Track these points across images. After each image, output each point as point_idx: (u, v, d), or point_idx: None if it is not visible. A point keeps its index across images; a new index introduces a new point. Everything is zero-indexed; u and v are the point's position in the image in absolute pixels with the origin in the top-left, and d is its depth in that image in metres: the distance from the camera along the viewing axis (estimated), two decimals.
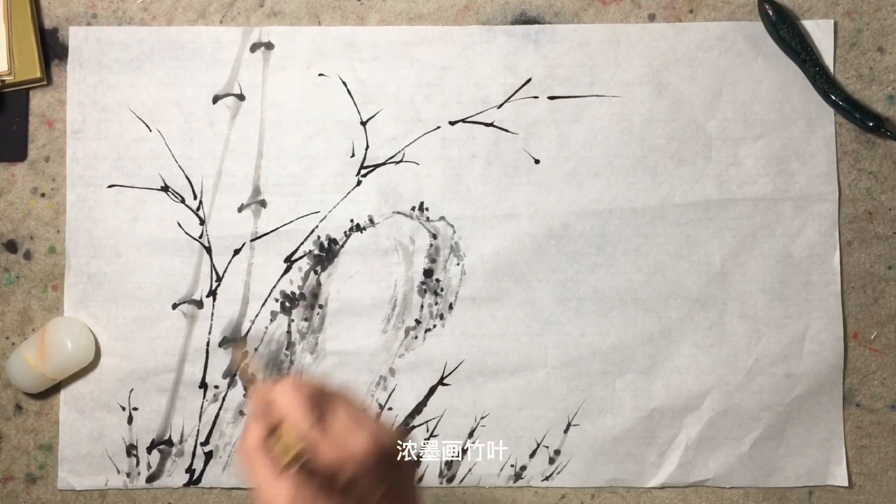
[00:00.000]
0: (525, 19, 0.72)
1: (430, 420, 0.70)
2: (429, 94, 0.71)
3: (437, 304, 0.70)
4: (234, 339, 0.70)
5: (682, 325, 0.70)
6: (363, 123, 0.71)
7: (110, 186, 0.71)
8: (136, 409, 0.70)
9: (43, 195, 0.71)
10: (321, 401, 0.46)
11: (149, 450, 0.70)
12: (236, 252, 0.70)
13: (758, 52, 0.71)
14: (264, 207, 0.71)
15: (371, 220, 0.71)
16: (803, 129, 0.71)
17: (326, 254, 0.70)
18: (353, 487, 0.44)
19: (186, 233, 0.70)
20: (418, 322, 0.70)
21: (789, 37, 0.70)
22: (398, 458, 0.46)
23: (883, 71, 0.71)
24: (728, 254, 0.70)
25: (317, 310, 0.70)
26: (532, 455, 0.70)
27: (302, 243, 0.70)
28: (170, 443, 0.70)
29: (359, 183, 0.71)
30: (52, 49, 0.71)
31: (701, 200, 0.71)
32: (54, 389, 0.70)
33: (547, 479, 0.70)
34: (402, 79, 0.71)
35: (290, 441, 0.43)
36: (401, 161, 0.71)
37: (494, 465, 0.70)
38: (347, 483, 0.43)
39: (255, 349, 0.69)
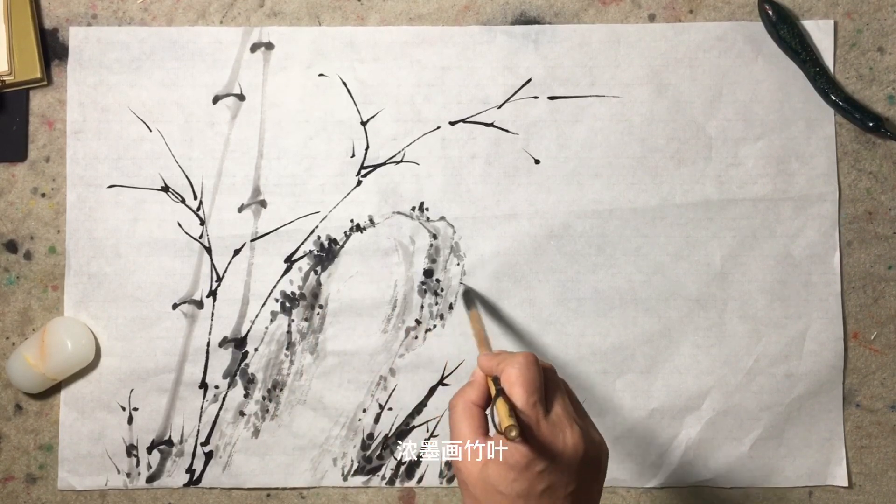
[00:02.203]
0: (525, 19, 0.72)
1: (430, 420, 0.70)
2: (429, 95, 0.71)
3: (437, 304, 0.70)
4: (234, 339, 0.70)
5: (682, 325, 0.70)
6: (363, 123, 0.71)
7: (110, 186, 0.71)
8: (136, 409, 0.70)
9: (43, 195, 0.71)
10: (547, 384, 0.47)
11: (149, 450, 0.70)
12: (236, 252, 0.70)
13: (758, 52, 0.71)
14: (264, 207, 0.71)
15: (371, 221, 0.71)
16: (803, 130, 0.71)
17: (326, 254, 0.70)
18: (548, 475, 0.44)
19: (186, 233, 0.70)
20: (418, 322, 0.70)
21: (789, 37, 0.70)
22: (596, 464, 0.47)
23: (883, 71, 0.71)
24: (728, 254, 0.70)
25: (317, 310, 0.70)
26: None
27: (302, 243, 0.70)
28: (170, 443, 0.70)
29: (359, 183, 0.71)
30: (52, 49, 0.71)
31: (701, 200, 0.71)
32: (54, 389, 0.70)
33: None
34: (402, 79, 0.71)
35: (503, 415, 0.44)
36: (401, 161, 0.71)
37: None
38: (543, 470, 0.44)
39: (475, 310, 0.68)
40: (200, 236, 0.70)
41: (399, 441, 0.70)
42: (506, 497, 0.45)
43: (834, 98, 0.70)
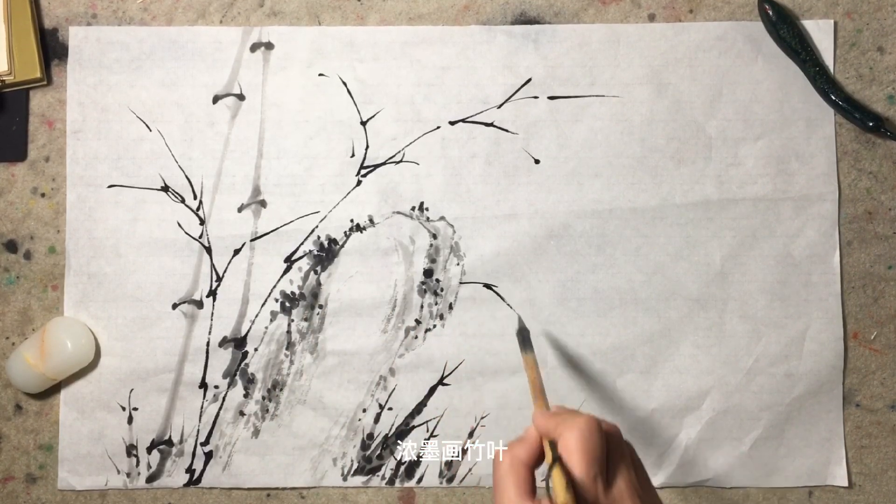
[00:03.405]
0: (525, 19, 0.72)
1: (430, 420, 0.70)
2: (429, 94, 0.71)
3: (437, 304, 0.70)
4: (234, 339, 0.70)
5: (682, 325, 0.70)
6: (363, 123, 0.71)
7: (110, 186, 0.71)
8: (136, 409, 0.70)
9: (43, 195, 0.71)
10: (609, 454, 0.43)
11: (149, 450, 0.70)
12: (236, 252, 0.70)
13: (758, 52, 0.71)
14: (264, 207, 0.71)
15: (371, 220, 0.71)
16: (803, 129, 0.71)
17: (326, 254, 0.70)
18: None
19: (186, 233, 0.70)
20: (418, 322, 0.70)
21: (789, 37, 0.70)
22: None
23: (883, 71, 0.71)
24: (728, 254, 0.70)
25: (317, 310, 0.70)
26: None
27: (302, 243, 0.70)
28: (170, 443, 0.70)
29: (359, 183, 0.71)
30: (52, 49, 0.71)
31: (701, 200, 0.71)
32: (54, 389, 0.70)
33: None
34: (402, 79, 0.71)
35: (559, 488, 0.40)
36: (401, 161, 0.71)
37: None
38: None
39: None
40: (200, 236, 0.70)
41: (399, 441, 0.70)
42: None
43: (834, 98, 0.70)
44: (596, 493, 0.41)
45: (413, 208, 0.71)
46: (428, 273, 0.70)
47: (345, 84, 0.71)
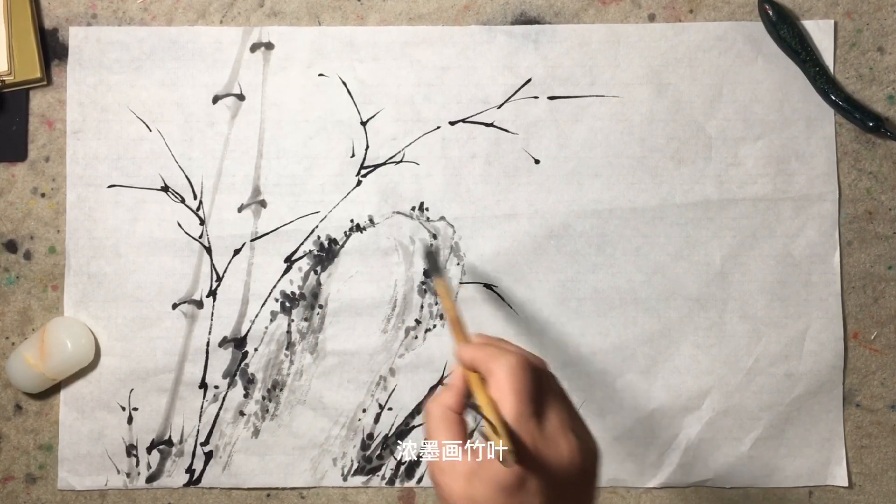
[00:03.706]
0: (525, 19, 0.72)
1: None
2: (429, 94, 0.71)
3: (437, 304, 0.70)
4: (234, 339, 0.70)
5: (682, 325, 0.70)
6: (363, 123, 0.71)
7: (110, 186, 0.71)
8: (136, 409, 0.70)
9: (43, 195, 0.71)
10: (540, 389, 0.41)
11: (149, 450, 0.70)
12: (236, 252, 0.70)
13: (758, 52, 0.71)
14: (264, 207, 0.71)
15: (371, 221, 0.71)
16: (803, 129, 0.71)
17: (326, 254, 0.70)
18: (540, 495, 0.40)
19: (186, 233, 0.70)
20: (418, 322, 0.70)
21: (789, 37, 0.70)
22: (592, 473, 0.42)
23: (883, 71, 0.71)
24: (728, 254, 0.70)
25: (317, 310, 0.70)
26: None
27: (302, 243, 0.70)
28: (170, 443, 0.70)
29: (359, 183, 0.71)
30: (52, 49, 0.71)
31: (701, 200, 0.71)
32: (54, 389, 0.70)
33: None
34: (402, 79, 0.71)
35: (494, 434, 0.39)
36: (401, 161, 0.71)
37: None
38: (536, 490, 0.40)
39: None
40: (200, 236, 0.70)
41: (399, 441, 0.70)
42: None
43: (834, 98, 0.70)
44: (531, 431, 0.40)
45: (413, 208, 0.71)
46: (428, 273, 0.70)
47: (345, 84, 0.71)
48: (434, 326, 0.70)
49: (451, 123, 0.71)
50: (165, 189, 0.71)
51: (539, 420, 0.41)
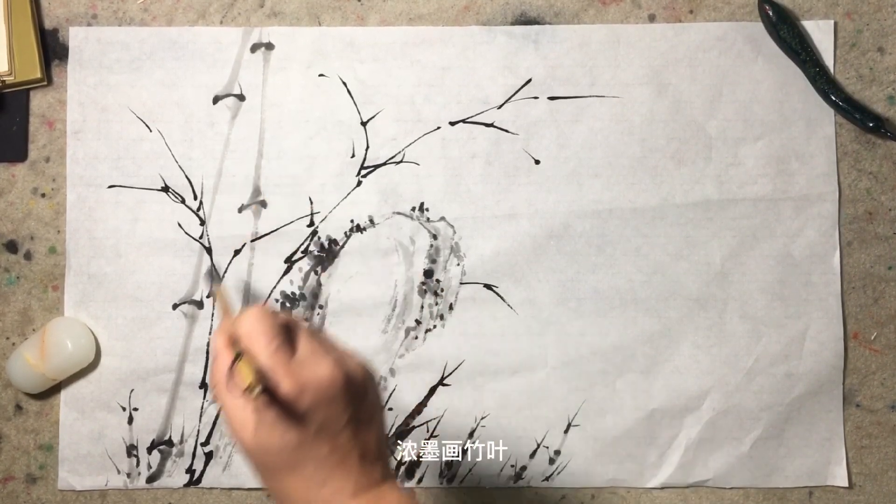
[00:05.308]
0: (525, 20, 0.72)
1: (431, 420, 0.70)
2: (429, 95, 0.71)
3: (437, 304, 0.70)
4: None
5: (682, 325, 0.70)
6: (363, 124, 0.71)
7: (110, 187, 0.71)
8: (136, 409, 0.70)
9: (43, 195, 0.71)
10: (287, 330, 0.46)
11: (149, 450, 0.70)
12: (236, 252, 0.70)
13: (758, 53, 0.71)
14: (264, 208, 0.71)
15: (371, 221, 0.71)
16: (803, 130, 0.71)
17: (326, 254, 0.70)
18: (314, 415, 0.44)
19: (187, 233, 0.70)
20: (418, 322, 0.70)
21: (789, 37, 0.70)
22: (361, 387, 0.46)
23: (883, 71, 0.71)
24: (728, 254, 0.70)
25: (317, 310, 0.70)
26: (532, 455, 0.70)
27: (302, 244, 0.70)
28: (170, 443, 0.70)
29: (359, 183, 0.71)
30: (52, 49, 0.71)
31: (701, 200, 0.71)
32: (54, 389, 0.70)
33: (547, 479, 0.70)
34: (402, 79, 0.71)
35: (251, 367, 0.43)
36: (401, 161, 0.71)
37: (494, 466, 0.70)
38: (308, 409, 0.43)
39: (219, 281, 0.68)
40: (200, 236, 0.70)
41: (399, 441, 0.70)
42: (285, 451, 0.44)
43: (834, 98, 0.70)
44: (283, 360, 0.44)
45: (413, 209, 0.71)
46: (428, 273, 0.70)
47: (345, 84, 0.71)
48: (434, 327, 0.70)
49: (452, 124, 0.71)
50: (166, 189, 0.71)
51: (291, 351, 0.45)
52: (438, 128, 0.71)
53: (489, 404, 0.70)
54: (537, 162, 0.71)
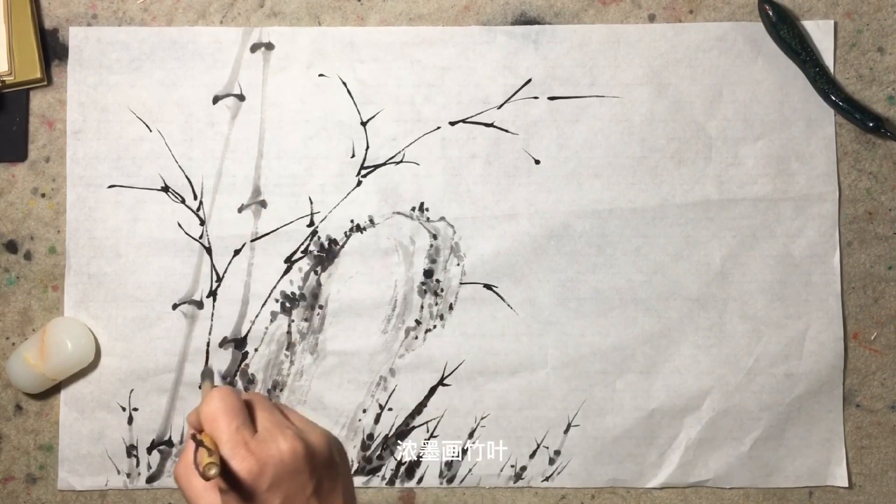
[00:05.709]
0: (525, 20, 0.72)
1: (431, 420, 0.70)
2: (429, 95, 0.71)
3: (437, 304, 0.70)
4: (234, 339, 0.70)
5: (682, 325, 0.70)
6: (363, 124, 0.71)
7: (110, 187, 0.71)
8: (136, 409, 0.70)
9: (43, 195, 0.71)
10: (249, 407, 0.46)
11: (149, 450, 0.70)
12: (236, 252, 0.70)
13: (758, 53, 0.71)
14: (264, 208, 0.71)
15: (371, 221, 0.71)
16: (803, 130, 0.71)
17: (326, 254, 0.70)
18: (277, 490, 0.44)
19: (186, 233, 0.70)
20: (418, 322, 0.70)
21: (789, 37, 0.70)
22: (323, 456, 0.46)
23: (883, 71, 0.71)
24: (728, 254, 0.70)
25: (317, 310, 0.70)
26: (532, 455, 0.70)
27: (302, 244, 0.70)
28: (170, 443, 0.70)
29: (359, 183, 0.71)
30: (52, 49, 0.71)
31: (701, 200, 0.71)
32: (54, 390, 0.70)
33: (547, 479, 0.70)
34: (402, 79, 0.71)
35: (204, 456, 0.43)
36: (401, 161, 0.71)
37: (494, 466, 0.70)
38: (270, 485, 0.44)
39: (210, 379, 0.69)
40: (200, 236, 0.70)
41: (399, 441, 0.70)
42: None
43: (834, 98, 0.70)
44: (243, 440, 0.44)
45: (413, 209, 0.71)
46: (428, 273, 0.70)
47: (345, 84, 0.71)
48: (434, 327, 0.70)
49: (452, 124, 0.71)
50: (165, 189, 0.71)
51: (252, 429, 0.45)
52: (438, 128, 0.71)
53: (489, 404, 0.70)
54: (537, 162, 0.71)
